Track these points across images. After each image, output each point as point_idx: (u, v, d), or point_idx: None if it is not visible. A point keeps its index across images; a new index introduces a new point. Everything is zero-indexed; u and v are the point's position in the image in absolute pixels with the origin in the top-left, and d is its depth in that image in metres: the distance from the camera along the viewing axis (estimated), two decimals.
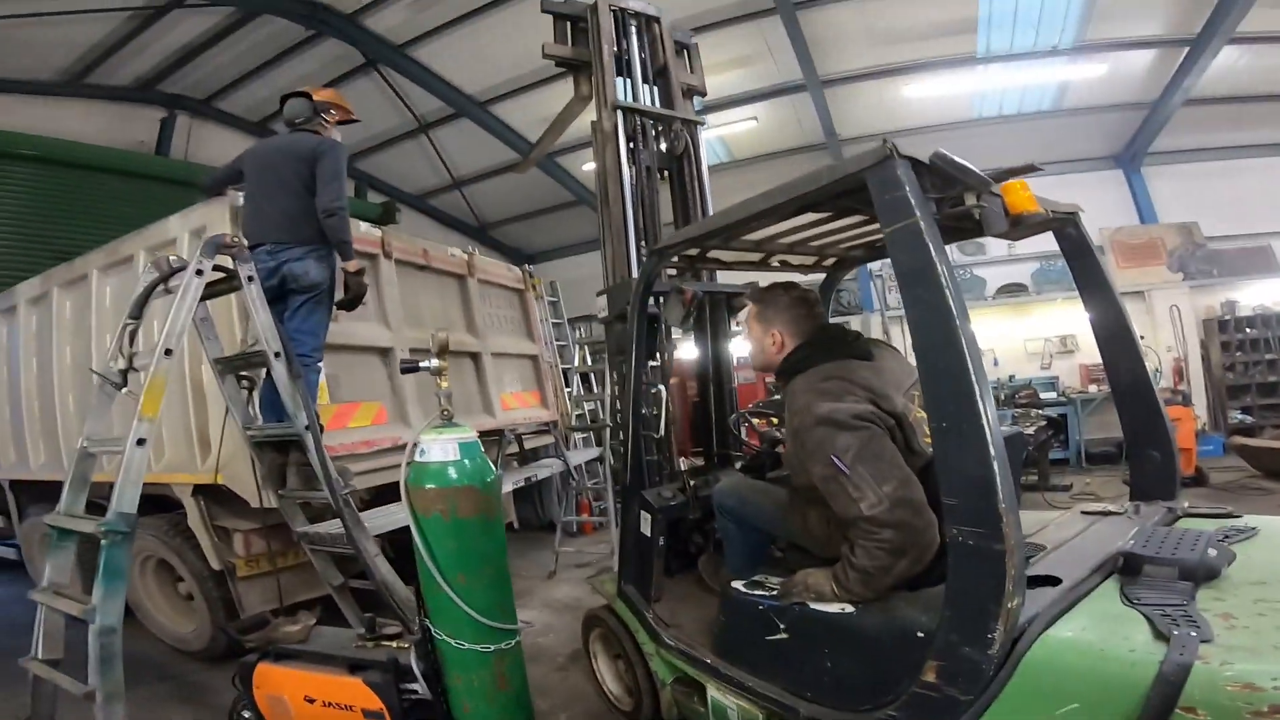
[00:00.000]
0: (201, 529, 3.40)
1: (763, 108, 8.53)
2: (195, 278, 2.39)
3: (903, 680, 1.66)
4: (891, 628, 1.76)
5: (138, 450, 2.17)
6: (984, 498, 1.44)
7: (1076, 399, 8.15)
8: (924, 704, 1.60)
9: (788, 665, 2.02)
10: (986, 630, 1.46)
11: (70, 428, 3.97)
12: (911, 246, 1.53)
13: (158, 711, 3.10)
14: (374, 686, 2.12)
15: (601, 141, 3.22)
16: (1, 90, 6.99)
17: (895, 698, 1.68)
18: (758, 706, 2.09)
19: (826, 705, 1.88)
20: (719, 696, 2.26)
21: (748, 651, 2.17)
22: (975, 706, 1.49)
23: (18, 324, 4.48)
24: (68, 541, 2.40)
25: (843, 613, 1.86)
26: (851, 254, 2.95)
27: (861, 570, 1.79)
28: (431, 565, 2.03)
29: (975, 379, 1.45)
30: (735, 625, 2.24)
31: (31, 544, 4.72)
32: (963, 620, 1.51)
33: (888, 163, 1.56)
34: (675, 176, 3.50)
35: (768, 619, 2.05)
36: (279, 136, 3.40)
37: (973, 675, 1.49)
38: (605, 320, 3.16)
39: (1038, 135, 8.43)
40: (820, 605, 1.91)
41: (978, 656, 1.48)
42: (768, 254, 2.83)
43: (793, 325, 2.18)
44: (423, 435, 2.08)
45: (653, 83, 3.52)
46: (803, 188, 1.86)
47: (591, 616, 3.06)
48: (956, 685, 1.53)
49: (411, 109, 8.87)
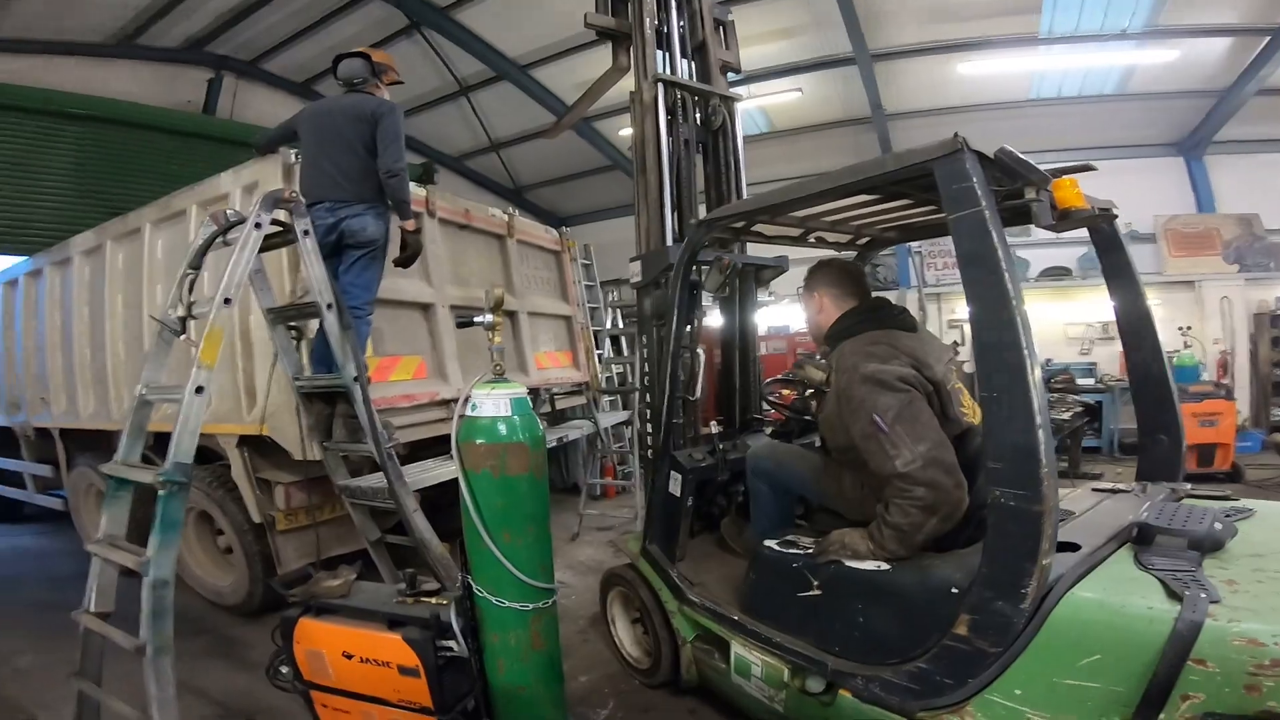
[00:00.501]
0: (244, 481, 3.49)
1: (807, 79, 8.34)
2: (254, 230, 2.42)
3: (933, 635, 1.77)
4: (925, 584, 1.86)
5: (196, 398, 2.20)
6: (1027, 463, 1.56)
7: (1115, 387, 7.93)
8: (953, 656, 1.72)
9: (818, 621, 2.11)
10: (1020, 586, 1.59)
11: (120, 376, 4.09)
12: (975, 233, 1.65)
13: (194, 666, 3.16)
14: (412, 643, 2.10)
15: (640, 112, 3.25)
16: (55, 52, 7.10)
17: (925, 651, 1.79)
18: (784, 661, 2.17)
19: (855, 659, 1.98)
20: (743, 652, 2.34)
21: (776, 608, 2.25)
22: (1003, 659, 1.62)
23: (71, 275, 4.60)
24: (124, 492, 2.40)
25: (878, 570, 1.96)
26: (886, 234, 3.03)
27: (895, 527, 1.90)
28: (478, 521, 2.03)
29: (1027, 355, 1.57)
30: (766, 583, 2.32)
31: (78, 494, 4.85)
32: (998, 576, 1.63)
33: (957, 155, 1.67)
34: (710, 150, 3.50)
35: (801, 576, 2.14)
36: (335, 97, 3.42)
37: (1003, 629, 1.62)
38: (637, 285, 3.20)
39: (1097, 119, 8.14)
40: (855, 563, 2.00)
41: (1010, 611, 1.60)
42: (808, 230, 2.90)
43: (841, 296, 2.34)
44: (474, 390, 2.06)
45: (691, 57, 3.54)
46: (868, 172, 1.96)
47: (611, 576, 3.12)
48: (987, 638, 1.65)
49: (452, 71, 8.85)
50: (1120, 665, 1.48)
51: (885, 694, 1.88)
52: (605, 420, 5.45)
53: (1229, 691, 1.38)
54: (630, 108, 3.34)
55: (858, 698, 1.94)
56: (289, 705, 2.60)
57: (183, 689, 2.67)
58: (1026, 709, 1.60)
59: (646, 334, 3.16)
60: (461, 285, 4.08)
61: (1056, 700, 1.56)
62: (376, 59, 3.38)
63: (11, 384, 5.40)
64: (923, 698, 1.79)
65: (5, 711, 2.79)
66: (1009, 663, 1.62)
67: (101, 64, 7.46)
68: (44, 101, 6.46)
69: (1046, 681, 1.58)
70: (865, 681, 1.93)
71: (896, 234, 3.00)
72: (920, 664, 1.80)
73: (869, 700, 1.92)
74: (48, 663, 3.09)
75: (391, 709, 2.19)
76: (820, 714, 2.08)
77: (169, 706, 2.06)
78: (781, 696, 2.21)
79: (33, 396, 5.07)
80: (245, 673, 3.10)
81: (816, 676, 2.06)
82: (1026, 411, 1.57)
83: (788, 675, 2.17)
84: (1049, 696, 1.57)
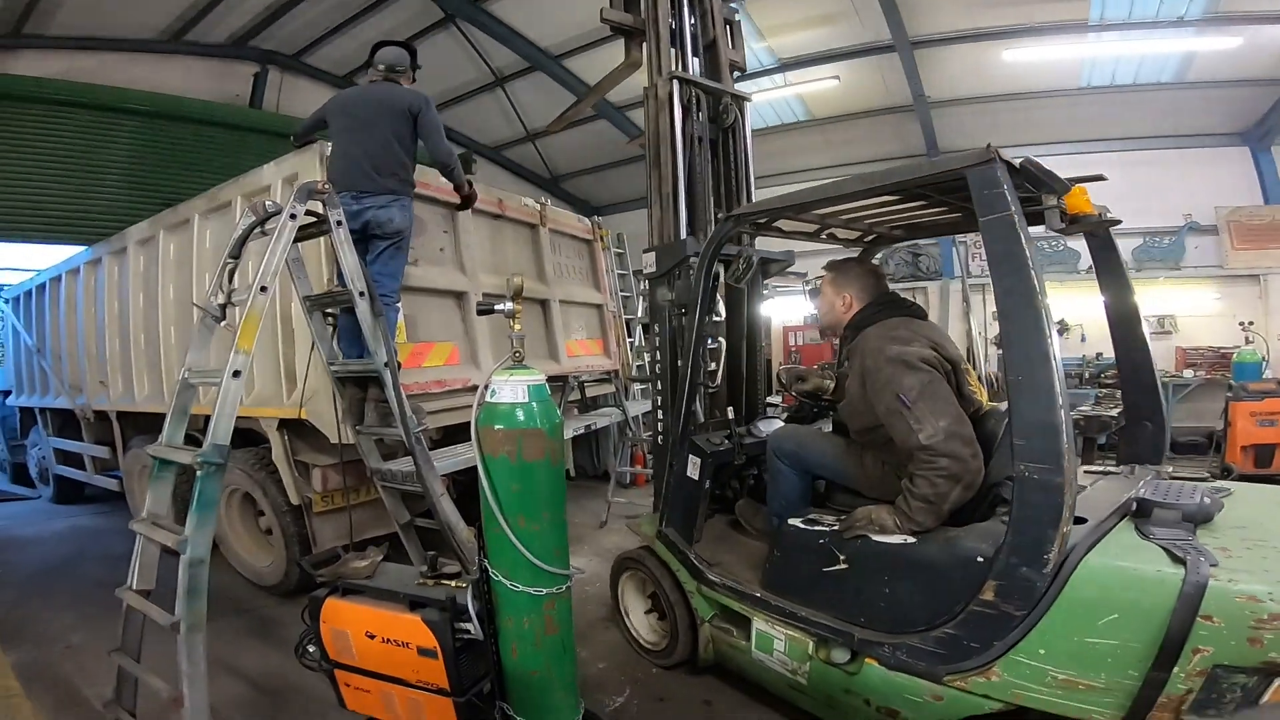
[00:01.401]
0: (284, 463, 3.63)
1: (845, 67, 8.16)
2: (289, 221, 2.50)
3: (959, 601, 1.92)
4: (953, 554, 1.99)
5: (233, 382, 2.27)
6: (1050, 439, 1.73)
7: (1169, 383, 7.61)
8: (980, 620, 1.87)
9: (843, 594, 2.23)
10: (1044, 552, 1.75)
11: (173, 361, 4.28)
12: (1004, 235, 1.82)
13: (232, 644, 3.28)
14: (430, 624, 2.11)
15: (655, 108, 3.33)
16: (109, 49, 7.38)
17: (952, 617, 1.93)
18: (808, 634, 2.30)
19: (881, 629, 2.11)
20: (765, 628, 2.46)
21: (801, 583, 2.37)
22: (1027, 621, 1.77)
23: (127, 264, 4.82)
24: (167, 472, 2.48)
25: (905, 543, 2.09)
26: (893, 233, 3.17)
27: (923, 498, 2.04)
28: (495, 505, 2.06)
29: (1050, 343, 1.75)
30: (790, 559, 2.43)
31: (132, 475, 5.09)
32: (1023, 544, 1.78)
33: (990, 164, 1.85)
34: (720, 147, 3.54)
35: (827, 552, 2.25)
36: (364, 87, 3.46)
37: (1028, 593, 1.77)
38: (651, 276, 3.26)
39: (1154, 108, 7.81)
40: (882, 537, 2.12)
41: (1034, 576, 1.76)
42: (824, 227, 3.00)
43: (863, 289, 2.52)
44: (494, 376, 2.09)
45: (701, 55, 3.59)
46: (903, 176, 2.14)
47: (623, 560, 3.18)
48: (1013, 602, 1.80)
49: (488, 62, 8.95)
50: (1136, 623, 1.64)
51: (912, 660, 2.00)
52: (635, 408, 5.46)
53: (1234, 645, 1.55)
54: (644, 102, 3.41)
55: (884, 665, 2.07)
56: (315, 685, 2.66)
57: (218, 666, 2.81)
58: (1050, 666, 1.75)
59: (660, 323, 3.23)
60: (494, 273, 4.14)
61: (1079, 657, 1.71)
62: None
63: (74, 368, 5.69)
64: (950, 661, 1.92)
65: (56, 687, 2.91)
66: (1033, 624, 1.77)
67: (154, 60, 7.75)
68: (101, 97, 6.72)
69: (1069, 640, 1.73)
70: (892, 649, 2.05)
71: (902, 232, 3.16)
72: (948, 629, 1.94)
73: (896, 667, 2.04)
74: (97, 639, 3.21)
75: (410, 689, 2.22)
76: (843, 684, 2.20)
77: (199, 682, 2.10)
78: (805, 669, 2.32)
79: (92, 380, 5.34)
80: (278, 651, 3.19)
81: (841, 647, 2.19)
82: (1050, 393, 1.73)
83: (812, 648, 2.28)
84: (1072, 654, 1.72)
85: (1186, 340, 8.15)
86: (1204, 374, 7.72)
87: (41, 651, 3.26)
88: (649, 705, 2.74)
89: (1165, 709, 1.60)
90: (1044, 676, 1.75)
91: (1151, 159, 8.27)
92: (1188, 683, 1.57)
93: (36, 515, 6.29)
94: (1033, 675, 1.77)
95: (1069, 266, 8.64)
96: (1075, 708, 1.72)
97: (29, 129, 6.39)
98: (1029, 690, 1.79)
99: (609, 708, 2.65)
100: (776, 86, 8.65)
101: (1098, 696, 1.68)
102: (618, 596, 3.25)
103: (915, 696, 2.02)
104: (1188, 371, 7.80)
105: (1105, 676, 1.67)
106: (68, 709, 2.74)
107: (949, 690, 1.94)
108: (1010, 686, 1.82)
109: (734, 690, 2.82)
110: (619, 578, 3.24)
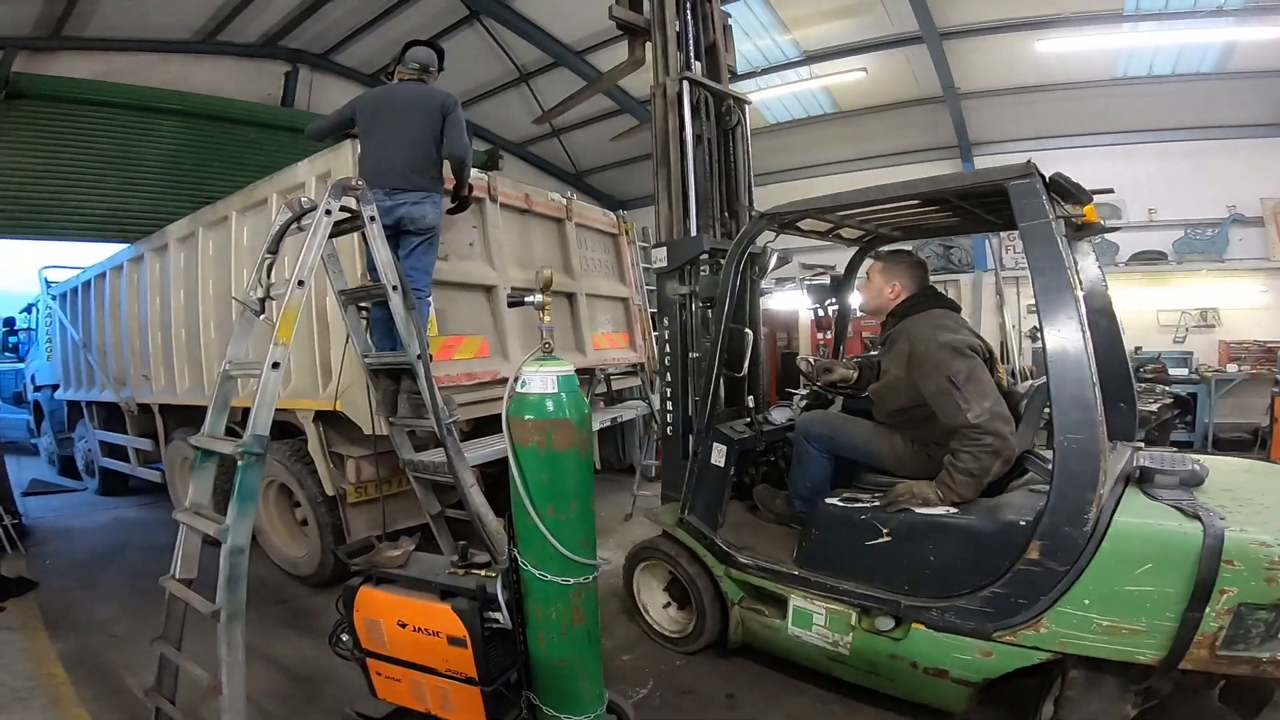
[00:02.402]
0: (319, 454, 3.72)
1: (872, 59, 8.06)
2: (324, 217, 2.54)
3: (1005, 563, 2.13)
4: (998, 520, 2.21)
5: (272, 373, 2.31)
6: (1086, 414, 1.99)
7: (1211, 378, 7.39)
8: (1027, 578, 2.08)
9: (887, 566, 2.41)
10: (1084, 512, 1.99)
11: (213, 355, 4.40)
12: (1043, 238, 2.08)
13: (268, 633, 3.35)
14: (460, 614, 2.12)
15: (664, 107, 3.42)
16: (144, 49, 7.53)
17: (998, 578, 2.14)
18: (850, 606, 2.47)
19: (928, 595, 2.31)
20: (804, 604, 2.61)
21: (842, 558, 2.54)
22: (1070, 575, 2.00)
23: (169, 260, 4.96)
24: (209, 463, 2.53)
25: (948, 514, 2.31)
26: (893, 233, 3.42)
27: (967, 472, 2.29)
28: (524, 495, 2.08)
29: (1083, 333, 2.00)
30: (829, 536, 2.60)
31: (174, 467, 5.25)
32: (1065, 506, 2.02)
33: (1029, 177, 2.12)
34: (720, 148, 3.64)
35: (870, 527, 2.45)
36: (393, 86, 3.48)
37: (1070, 550, 2.01)
38: (662, 271, 3.34)
39: (1194, 98, 7.57)
40: (925, 510, 2.34)
41: (1076, 534, 2.00)
42: (837, 226, 3.20)
43: (910, 280, 2.76)
44: (524, 367, 2.11)
45: (703, 58, 3.69)
46: (949, 184, 2.46)
47: (640, 551, 3.23)
48: (1057, 559, 2.03)
49: (512, 59, 9.00)
50: (1169, 571, 1.88)
51: (961, 620, 2.21)
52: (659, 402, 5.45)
53: (1254, 585, 1.80)
54: (651, 101, 3.50)
55: (932, 628, 2.27)
56: (348, 673, 2.73)
57: (255, 655, 2.82)
58: (1095, 615, 1.97)
59: (670, 316, 3.31)
60: (522, 268, 4.18)
61: (1120, 604, 1.95)
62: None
63: (118, 363, 5.87)
64: (999, 619, 2.14)
65: (99, 675, 3.01)
66: (1075, 578, 2.00)
67: (188, 61, 7.91)
68: (138, 98, 6.88)
69: (1109, 590, 1.96)
70: (941, 612, 2.26)
71: (900, 233, 3.45)
72: (996, 589, 2.15)
73: (944, 628, 2.24)
74: (141, 629, 3.27)
75: (440, 679, 2.25)
76: (889, 650, 2.38)
77: (237, 671, 2.12)
78: (847, 640, 2.50)
79: (136, 374, 5.51)
80: (312, 641, 3.26)
81: (886, 615, 2.37)
82: (1084, 375, 2.00)
83: (855, 619, 2.46)
84: (1113, 602, 1.95)
85: (1231, 334, 7.89)
86: (1249, 368, 7.47)
87: (87, 640, 3.37)
88: (672, 697, 2.76)
89: (1200, 646, 1.83)
90: (1089, 624, 1.98)
91: (1191, 150, 8.04)
92: (1219, 620, 1.82)
93: (83, 507, 6.50)
94: (1079, 624, 1.99)
95: (1106, 259, 8.43)
96: (1119, 650, 1.94)
97: (71, 130, 6.56)
98: (1076, 638, 2.00)
99: (632, 699, 2.67)
100: (802, 79, 8.57)
101: (1139, 639, 1.91)
102: (633, 591, 3.30)
103: (964, 655, 2.22)
104: (1231, 366, 7.55)
105: (1146, 620, 1.90)
106: (110, 698, 2.81)
107: (999, 645, 2.14)
108: (1058, 636, 2.03)
109: (757, 684, 2.84)
110: (634, 571, 3.28)
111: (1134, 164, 8.34)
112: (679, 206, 3.36)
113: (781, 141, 10.01)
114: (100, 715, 2.67)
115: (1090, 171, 8.53)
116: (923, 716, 2.52)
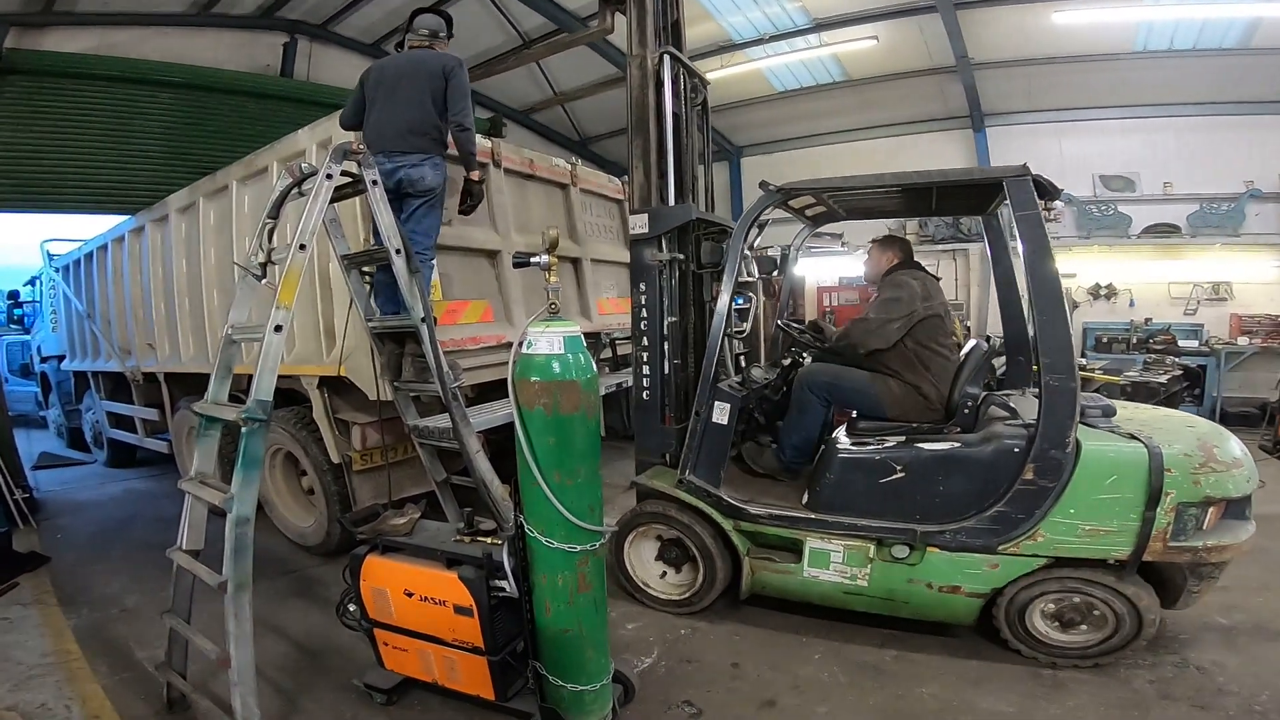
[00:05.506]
0: (324, 421, 3.72)
1: (884, 27, 7.86)
2: (325, 181, 2.50)
3: (1005, 485, 2.56)
4: (997, 448, 2.62)
5: (275, 337, 2.29)
6: (1065, 358, 2.49)
7: (1221, 350, 7.34)
8: (1025, 496, 2.53)
9: (901, 499, 2.73)
10: (1066, 437, 2.47)
11: (216, 322, 4.38)
12: (1034, 224, 2.57)
13: (276, 604, 3.37)
14: (467, 582, 2.12)
15: (641, 78, 3.50)
16: (140, 23, 7.40)
17: (1000, 499, 2.56)
18: (867, 540, 2.75)
19: (940, 520, 2.66)
20: (820, 545, 2.85)
21: (856, 497, 2.81)
22: (1056, 491, 2.48)
23: (170, 231, 4.94)
24: (213, 429, 2.51)
25: (953, 447, 2.71)
26: (869, 213, 3.99)
27: (845, 336, 3.16)
28: (531, 459, 2.05)
29: (1061, 294, 2.55)
30: (843, 478, 2.86)
31: (181, 437, 5.26)
32: (1052, 433, 2.48)
33: (1025, 176, 2.61)
34: (685, 124, 3.73)
35: (884, 465, 2.77)
36: (400, 54, 3.45)
37: (1057, 469, 2.48)
38: (640, 238, 3.34)
39: (1216, 73, 7.43)
40: (932, 444, 2.74)
41: (1061, 456, 2.48)
42: (836, 204, 3.57)
43: (899, 253, 3.39)
44: (530, 327, 2.07)
45: (669, 33, 3.72)
46: (955, 176, 2.89)
47: (637, 516, 3.22)
48: (1047, 477, 2.49)
49: (515, 26, 8.81)
50: (1129, 482, 2.41)
51: (971, 539, 2.60)
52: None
53: (1187, 487, 2.38)
54: (626, 71, 3.58)
55: (945, 549, 2.64)
56: (355, 644, 2.75)
57: (263, 626, 2.86)
58: (1079, 521, 2.47)
59: (648, 283, 3.35)
60: (526, 233, 4.15)
61: (1096, 511, 2.46)
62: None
63: (122, 332, 5.88)
64: (1003, 534, 2.55)
65: (112, 650, 3.01)
66: (1060, 493, 2.48)
67: (184, 33, 7.77)
68: (137, 71, 6.81)
69: (1088, 500, 2.46)
70: (953, 534, 2.62)
71: (870, 213, 4.00)
72: (999, 508, 2.56)
73: (956, 548, 2.62)
74: (151, 602, 3.34)
75: (447, 648, 2.26)
76: (906, 575, 2.71)
77: (245, 642, 2.12)
78: (865, 572, 2.78)
79: (141, 343, 5.53)
80: (321, 611, 3.28)
81: (901, 544, 2.68)
82: (1063, 327, 2.51)
83: (873, 551, 2.74)
84: (1091, 509, 2.46)
85: (1243, 307, 7.84)
86: (1259, 341, 7.42)
87: (98, 615, 3.39)
88: (677, 666, 2.77)
89: (1155, 540, 2.39)
90: (1075, 530, 2.47)
91: (1209, 124, 7.94)
92: (1166, 517, 2.38)
93: (92, 479, 6.54)
94: (1068, 530, 2.48)
95: (1119, 231, 8.37)
96: (1099, 549, 2.46)
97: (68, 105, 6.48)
98: (1066, 542, 2.49)
99: (637, 668, 2.66)
100: (810, 47, 8.37)
101: (1113, 538, 2.44)
102: (628, 569, 3.30)
103: (974, 569, 2.61)
104: (1242, 339, 7.52)
105: (1117, 522, 2.42)
106: (122, 672, 2.82)
107: (1003, 557, 2.56)
108: (1053, 543, 2.50)
109: (762, 652, 2.86)
110: (623, 547, 3.28)
111: (1151, 137, 8.22)
112: (655, 176, 3.49)
113: (787, 110, 9.83)
114: (114, 690, 2.67)
115: (1106, 144, 8.51)
116: (921, 689, 2.57)
